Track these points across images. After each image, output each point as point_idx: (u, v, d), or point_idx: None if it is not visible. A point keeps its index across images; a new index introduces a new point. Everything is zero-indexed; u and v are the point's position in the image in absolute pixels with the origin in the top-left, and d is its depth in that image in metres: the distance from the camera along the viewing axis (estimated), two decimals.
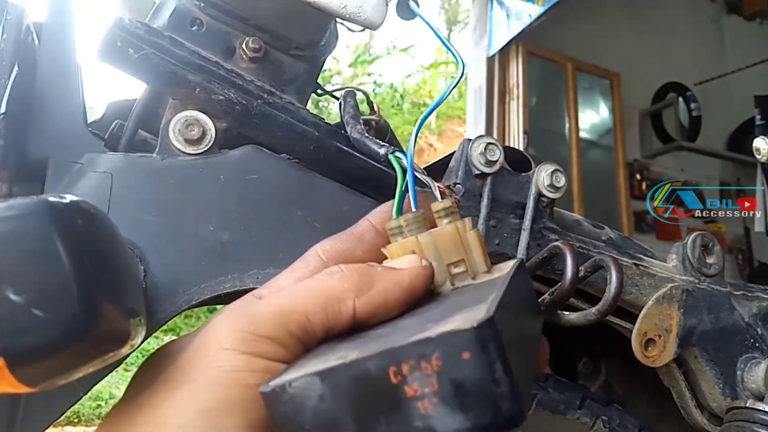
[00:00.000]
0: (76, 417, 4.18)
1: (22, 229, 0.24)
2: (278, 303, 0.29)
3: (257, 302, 0.29)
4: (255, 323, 0.28)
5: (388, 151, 0.37)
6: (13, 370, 0.23)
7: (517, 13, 3.36)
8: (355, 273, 0.30)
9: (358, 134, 0.41)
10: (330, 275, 0.30)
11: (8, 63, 0.40)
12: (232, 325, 0.28)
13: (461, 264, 0.32)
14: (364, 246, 0.35)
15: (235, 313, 0.29)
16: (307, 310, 0.28)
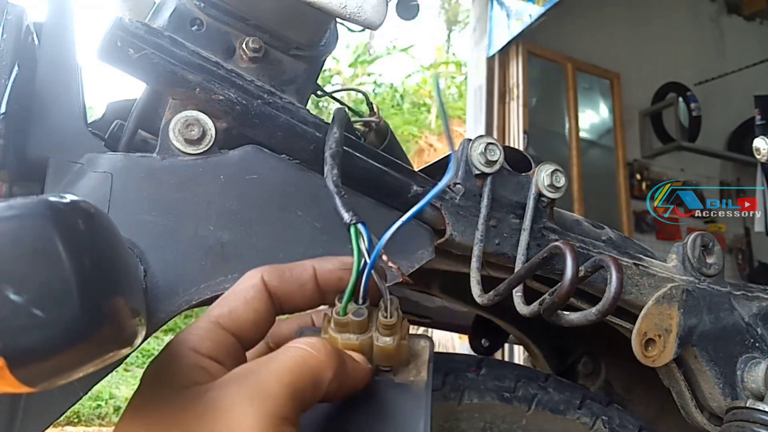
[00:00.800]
0: (76, 417, 4.18)
1: (22, 229, 0.24)
2: (287, 381, 0.29)
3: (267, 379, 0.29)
4: (278, 406, 0.28)
5: (351, 221, 0.36)
6: (13, 370, 0.23)
7: (517, 13, 3.36)
8: (336, 353, 0.32)
9: (334, 186, 0.39)
10: (318, 350, 0.31)
11: (8, 63, 0.40)
12: (257, 409, 0.27)
13: (389, 367, 0.36)
14: (303, 294, 0.35)
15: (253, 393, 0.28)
16: (305, 389, 0.30)
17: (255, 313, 0.34)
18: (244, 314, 0.33)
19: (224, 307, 0.33)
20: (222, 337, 0.32)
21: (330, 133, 0.44)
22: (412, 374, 0.36)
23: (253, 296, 0.34)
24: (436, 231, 0.48)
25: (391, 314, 0.34)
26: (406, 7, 0.68)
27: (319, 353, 0.31)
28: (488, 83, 3.52)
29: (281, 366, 0.30)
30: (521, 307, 0.45)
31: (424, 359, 0.36)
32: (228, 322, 0.33)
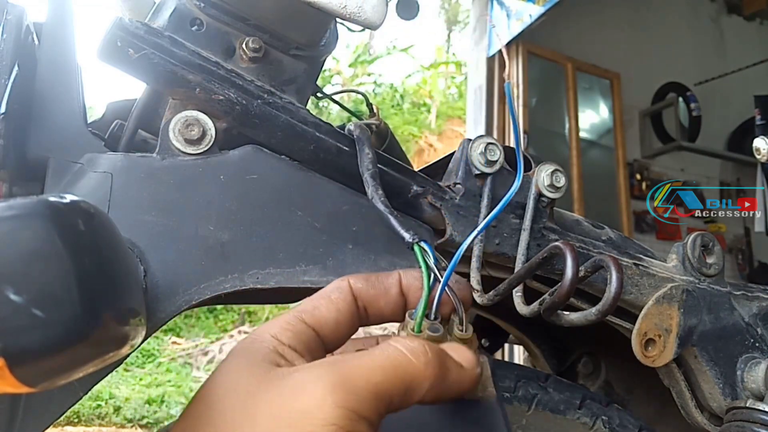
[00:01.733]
0: (76, 417, 4.18)
1: (22, 229, 0.24)
2: (375, 380, 0.28)
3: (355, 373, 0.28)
4: (359, 402, 0.27)
5: (414, 240, 0.36)
6: (13, 370, 0.23)
7: (518, 13, 3.36)
8: (437, 362, 0.31)
9: (384, 207, 0.39)
10: (416, 356, 0.30)
11: (8, 63, 0.40)
12: (337, 398, 0.27)
13: None
14: (388, 299, 0.36)
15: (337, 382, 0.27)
16: (394, 392, 0.29)
17: (338, 312, 0.34)
18: (326, 312, 0.34)
19: (308, 304, 0.34)
20: (302, 330, 0.32)
21: (362, 154, 0.44)
22: (479, 390, 0.36)
23: (337, 297, 0.35)
24: (437, 231, 0.48)
25: (466, 328, 0.34)
26: (406, 7, 0.68)
27: (418, 360, 0.30)
28: (488, 83, 3.52)
29: (373, 363, 0.29)
30: (521, 307, 0.45)
31: (487, 375, 0.36)
32: (310, 318, 0.33)
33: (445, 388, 0.31)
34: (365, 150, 0.44)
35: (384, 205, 0.40)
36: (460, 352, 0.33)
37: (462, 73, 9.96)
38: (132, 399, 4.69)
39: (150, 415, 4.50)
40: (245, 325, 7.00)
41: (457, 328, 0.34)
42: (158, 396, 4.87)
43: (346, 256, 0.44)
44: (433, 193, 0.47)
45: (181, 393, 5.05)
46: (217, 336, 6.75)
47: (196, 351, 6.24)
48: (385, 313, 0.36)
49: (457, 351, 0.33)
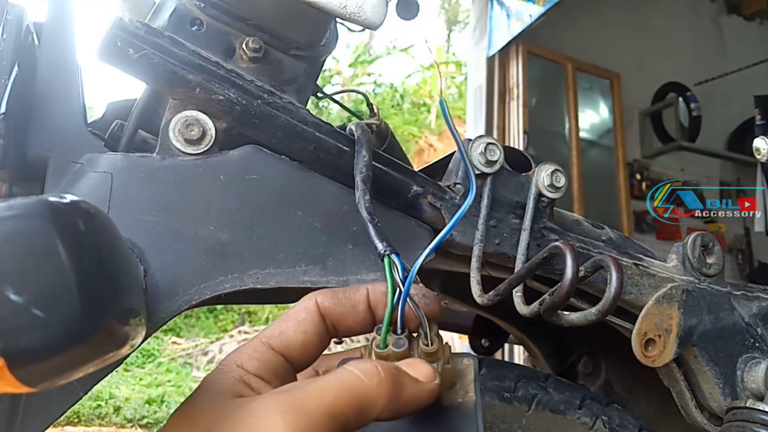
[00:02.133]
0: (76, 417, 4.18)
1: (22, 229, 0.24)
2: (327, 402, 0.29)
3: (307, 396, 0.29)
4: (312, 423, 0.28)
5: (385, 251, 0.36)
6: (13, 370, 0.23)
7: (517, 13, 3.36)
8: (390, 380, 0.31)
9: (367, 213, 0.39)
10: (369, 377, 0.31)
11: (8, 63, 0.40)
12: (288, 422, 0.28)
13: None
14: (355, 315, 0.36)
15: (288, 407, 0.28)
16: (348, 413, 0.29)
17: (305, 334, 0.34)
18: (294, 335, 0.34)
19: (275, 329, 0.34)
20: (269, 356, 0.33)
21: (359, 155, 0.44)
22: (459, 396, 0.35)
23: (304, 318, 0.35)
24: (436, 231, 0.48)
25: (432, 341, 0.34)
26: (406, 7, 0.68)
27: (370, 380, 0.31)
28: (488, 83, 3.52)
29: (325, 386, 0.30)
30: (521, 307, 0.45)
31: (469, 378, 0.36)
32: (277, 343, 0.34)
33: (402, 403, 0.32)
34: (362, 152, 0.44)
35: (367, 211, 0.39)
36: (417, 367, 0.33)
37: (462, 73, 9.96)
38: (132, 399, 4.69)
39: (150, 415, 4.50)
40: (245, 325, 7.00)
41: (422, 342, 0.34)
42: (158, 396, 4.87)
43: (346, 256, 0.44)
44: (433, 193, 0.47)
45: (181, 393, 5.05)
46: (217, 336, 6.75)
47: (196, 351, 6.24)
48: (354, 329, 0.36)
49: (414, 366, 0.33)
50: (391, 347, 0.34)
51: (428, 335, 0.34)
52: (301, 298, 0.36)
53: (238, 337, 6.43)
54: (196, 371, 5.85)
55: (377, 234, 0.37)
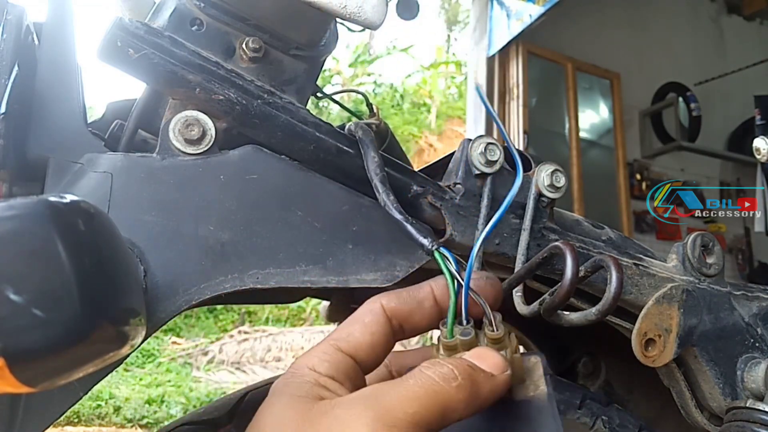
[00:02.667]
0: (76, 417, 4.18)
1: (22, 229, 0.24)
2: (413, 411, 0.29)
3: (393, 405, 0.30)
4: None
5: (433, 246, 0.36)
6: (13, 370, 0.23)
7: (517, 13, 3.36)
8: (469, 383, 0.32)
9: (400, 215, 0.39)
10: (448, 383, 0.31)
11: (8, 63, 0.40)
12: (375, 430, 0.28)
13: None
14: (422, 312, 0.36)
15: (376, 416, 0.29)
16: (431, 420, 0.30)
17: (372, 335, 0.35)
18: (361, 337, 0.34)
19: (342, 331, 0.35)
20: (339, 358, 0.34)
21: (368, 157, 0.44)
22: (530, 390, 0.35)
23: (370, 320, 0.35)
24: (436, 231, 0.48)
25: (497, 327, 0.34)
26: (406, 7, 0.68)
27: (449, 385, 0.31)
28: (488, 83, 3.52)
29: (409, 394, 0.30)
30: (521, 307, 0.45)
31: (539, 374, 0.36)
32: (345, 345, 0.34)
33: (480, 402, 0.32)
34: (371, 154, 0.44)
35: (398, 211, 0.40)
36: (488, 359, 0.34)
37: (462, 73, 9.96)
38: (132, 399, 4.69)
39: (150, 415, 4.50)
40: (245, 325, 7.00)
41: (487, 328, 0.34)
42: (158, 396, 4.87)
43: (346, 256, 0.44)
44: (433, 193, 0.47)
45: (181, 393, 5.05)
46: (217, 336, 6.75)
47: (196, 351, 6.24)
48: (421, 326, 0.36)
49: (485, 359, 0.34)
50: (458, 336, 0.34)
51: (493, 322, 0.34)
52: (302, 299, 0.36)
53: (238, 337, 6.43)
54: (196, 371, 5.84)
55: (418, 231, 0.38)
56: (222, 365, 6.01)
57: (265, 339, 6.30)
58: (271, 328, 6.80)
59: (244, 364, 5.98)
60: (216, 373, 5.80)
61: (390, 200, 0.40)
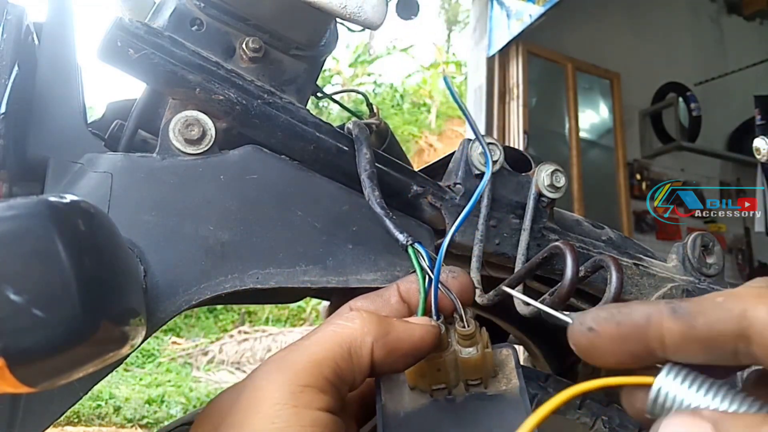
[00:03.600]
0: (76, 417, 4.18)
1: (22, 229, 0.24)
2: (311, 352, 0.30)
3: (293, 353, 0.31)
4: (297, 374, 0.29)
5: (408, 242, 0.36)
6: (13, 370, 0.23)
7: (517, 14, 3.36)
8: (374, 318, 0.32)
9: (381, 209, 0.40)
10: (351, 320, 0.32)
11: (8, 63, 0.40)
12: (277, 379, 0.29)
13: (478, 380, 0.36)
14: (388, 308, 0.37)
15: (277, 366, 0.30)
16: (336, 357, 0.30)
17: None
18: None
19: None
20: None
21: (360, 154, 0.44)
22: (503, 384, 0.36)
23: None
24: (436, 231, 0.48)
25: (467, 323, 0.34)
26: (406, 7, 0.68)
27: (353, 323, 0.32)
28: (488, 83, 3.52)
29: (308, 341, 0.31)
30: (521, 307, 0.45)
31: (511, 367, 0.36)
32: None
33: (393, 340, 0.32)
34: (363, 150, 0.44)
35: (380, 206, 0.40)
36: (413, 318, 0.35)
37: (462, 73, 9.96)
38: (132, 399, 4.69)
39: (150, 415, 4.51)
40: (245, 325, 7.00)
41: (458, 324, 0.34)
42: (158, 396, 4.87)
43: (346, 256, 0.44)
44: (433, 193, 0.47)
45: (181, 393, 5.05)
46: (217, 336, 6.75)
47: (196, 351, 6.24)
48: None
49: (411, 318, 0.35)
50: None
51: (464, 318, 0.34)
52: (302, 299, 0.37)
53: (238, 337, 6.44)
54: (196, 371, 5.85)
55: (395, 227, 0.38)
56: (222, 365, 6.01)
57: (265, 339, 6.30)
58: (271, 328, 6.80)
59: (244, 364, 5.98)
60: (216, 373, 5.81)
61: (375, 195, 0.41)
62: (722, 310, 0.23)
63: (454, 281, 0.36)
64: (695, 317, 0.23)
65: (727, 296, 0.23)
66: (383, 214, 0.39)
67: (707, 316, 0.23)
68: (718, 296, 0.23)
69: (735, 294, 0.23)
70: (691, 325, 0.23)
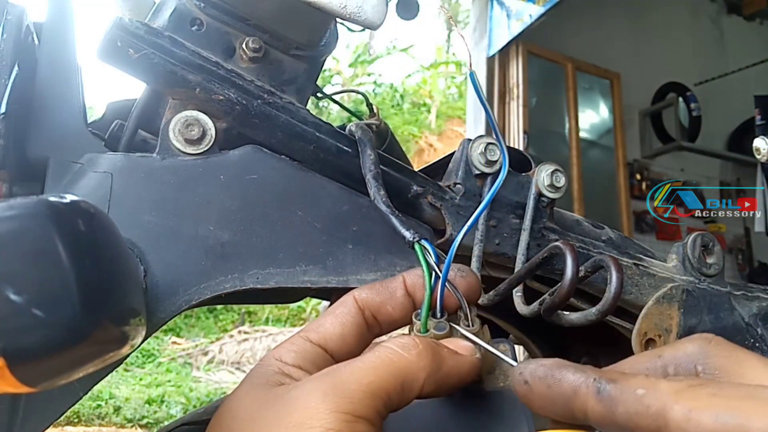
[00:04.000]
0: (76, 417, 4.19)
1: (22, 229, 0.24)
2: (368, 381, 0.29)
3: (348, 377, 0.29)
4: (353, 403, 0.28)
5: (414, 239, 0.36)
6: (13, 370, 0.23)
7: (517, 14, 3.36)
8: (429, 351, 0.31)
9: (386, 207, 0.40)
10: (407, 350, 0.31)
11: (8, 63, 0.40)
12: (330, 405, 0.28)
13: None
14: (394, 302, 0.36)
15: (332, 389, 0.28)
16: (390, 389, 0.29)
17: (342, 326, 0.35)
18: (331, 327, 0.35)
19: (313, 324, 0.35)
20: (307, 348, 0.33)
21: (364, 155, 0.44)
22: (500, 380, 0.35)
23: (341, 311, 0.35)
24: (436, 231, 0.48)
25: (472, 322, 0.34)
26: (406, 7, 0.68)
27: (409, 353, 0.30)
28: (488, 83, 3.52)
29: (364, 366, 0.30)
30: (521, 307, 0.45)
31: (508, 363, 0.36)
32: (314, 335, 0.34)
33: (443, 376, 0.31)
34: (367, 151, 0.44)
35: (386, 205, 0.40)
36: (455, 342, 0.33)
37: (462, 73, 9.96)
38: (132, 399, 4.69)
39: (150, 415, 4.51)
40: (245, 325, 7.00)
41: (462, 323, 0.34)
42: (158, 396, 4.87)
43: (346, 256, 0.44)
44: (433, 193, 0.47)
45: (181, 393, 5.05)
46: (217, 336, 6.75)
47: (196, 351, 6.24)
48: (396, 318, 0.36)
49: (453, 342, 0.33)
50: (432, 331, 0.34)
51: (469, 316, 0.34)
52: (302, 299, 0.37)
53: (238, 337, 6.44)
54: (196, 371, 5.85)
55: (401, 224, 0.38)
56: (222, 365, 6.02)
57: (265, 339, 6.30)
58: (271, 328, 6.80)
59: (244, 364, 5.98)
60: (216, 373, 5.81)
61: (380, 194, 0.41)
62: (641, 405, 0.24)
63: (461, 280, 0.35)
64: (616, 405, 0.24)
65: (649, 390, 0.24)
66: (389, 212, 0.39)
67: (627, 407, 0.24)
68: (639, 387, 0.24)
69: (655, 389, 0.24)
70: (611, 411, 0.25)
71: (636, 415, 0.24)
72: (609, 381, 0.25)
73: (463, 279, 0.36)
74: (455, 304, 0.35)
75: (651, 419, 0.23)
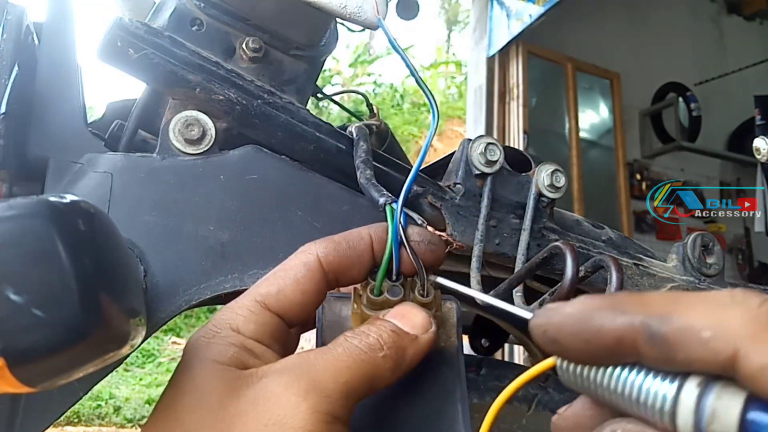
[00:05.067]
0: (76, 417, 4.18)
1: (22, 229, 0.24)
2: (343, 380, 0.28)
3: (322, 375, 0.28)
4: (331, 403, 0.28)
5: (386, 201, 0.36)
6: (13, 370, 0.23)
7: (517, 14, 3.36)
8: (395, 351, 0.31)
9: (365, 179, 0.40)
10: (375, 353, 0.30)
11: (8, 63, 0.40)
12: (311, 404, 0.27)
13: None
14: (360, 266, 0.34)
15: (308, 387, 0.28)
16: (360, 389, 0.29)
17: (303, 294, 0.32)
18: (292, 295, 0.32)
19: (272, 286, 0.32)
20: (267, 319, 0.31)
21: (357, 146, 0.45)
22: (441, 340, 0.35)
23: (303, 275, 0.32)
24: (437, 231, 0.48)
25: (428, 292, 0.33)
26: (406, 7, 0.68)
27: (376, 354, 0.30)
28: (488, 83, 3.52)
29: (338, 364, 0.29)
30: (521, 306, 0.45)
31: (452, 323, 0.35)
32: (274, 303, 0.32)
33: (405, 366, 0.31)
34: (361, 143, 0.45)
35: (365, 177, 0.40)
36: (412, 318, 0.32)
37: (462, 73, 9.96)
38: (132, 399, 4.69)
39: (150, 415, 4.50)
40: None
41: (418, 291, 0.34)
42: (158, 396, 4.87)
43: None
44: (433, 193, 0.47)
45: None
46: None
47: None
48: (358, 280, 0.35)
49: (409, 318, 0.32)
50: (386, 295, 0.33)
51: (424, 285, 0.33)
52: None
53: None
54: None
55: (376, 189, 0.37)
56: None
57: None
58: None
59: None
60: None
61: (366, 173, 0.41)
62: (707, 350, 0.19)
63: (426, 246, 0.35)
64: (674, 350, 0.20)
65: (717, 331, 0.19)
66: (366, 182, 0.39)
67: (688, 353, 0.20)
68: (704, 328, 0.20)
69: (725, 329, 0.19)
70: (669, 357, 0.20)
71: (700, 361, 0.20)
72: (662, 320, 0.20)
73: (425, 245, 0.35)
74: (412, 270, 0.34)
75: (720, 367, 0.19)
